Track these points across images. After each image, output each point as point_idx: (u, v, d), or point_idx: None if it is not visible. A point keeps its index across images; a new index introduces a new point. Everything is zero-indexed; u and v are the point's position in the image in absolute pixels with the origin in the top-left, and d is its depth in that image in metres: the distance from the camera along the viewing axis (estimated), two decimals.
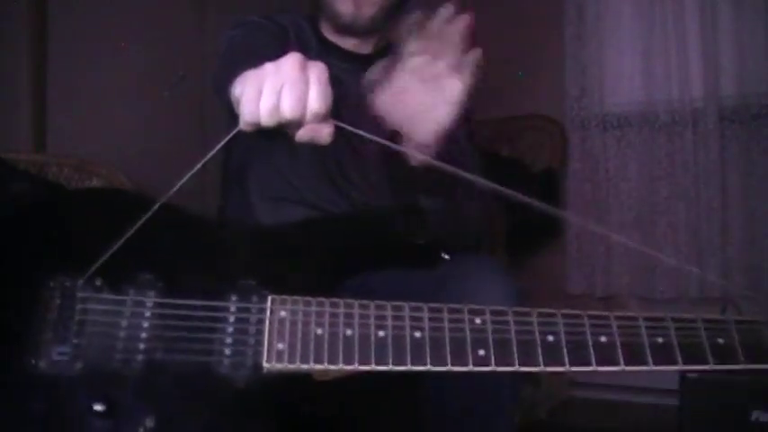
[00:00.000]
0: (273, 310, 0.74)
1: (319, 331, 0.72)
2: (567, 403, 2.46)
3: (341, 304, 0.74)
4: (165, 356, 0.72)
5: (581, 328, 0.73)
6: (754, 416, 1.43)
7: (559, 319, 0.73)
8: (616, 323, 0.73)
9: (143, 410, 0.70)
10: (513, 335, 0.72)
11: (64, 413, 0.70)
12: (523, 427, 1.99)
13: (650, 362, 0.72)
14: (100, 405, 0.70)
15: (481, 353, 0.72)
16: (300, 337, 0.72)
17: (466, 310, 0.74)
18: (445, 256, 0.86)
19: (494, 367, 0.71)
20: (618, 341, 0.73)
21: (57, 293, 0.73)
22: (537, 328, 0.73)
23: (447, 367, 0.72)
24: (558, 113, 2.79)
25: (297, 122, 0.76)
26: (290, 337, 0.72)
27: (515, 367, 0.71)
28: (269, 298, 0.75)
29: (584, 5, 2.75)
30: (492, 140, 2.68)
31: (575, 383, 2.50)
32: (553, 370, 0.72)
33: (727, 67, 2.57)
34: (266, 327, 0.73)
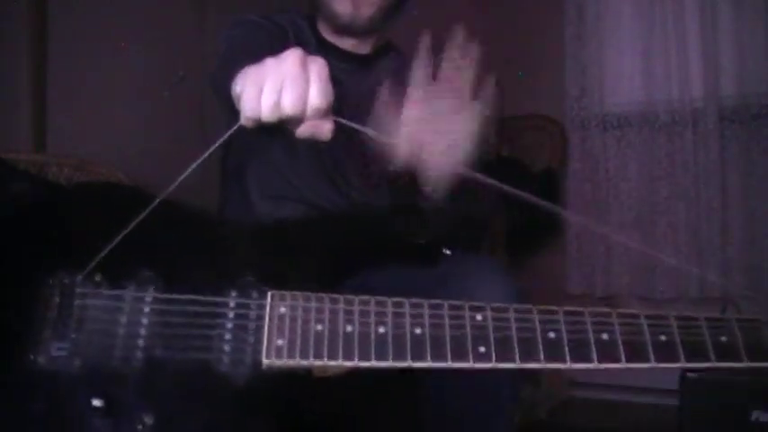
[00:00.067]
0: (273, 305, 0.73)
1: (319, 327, 0.72)
2: (567, 403, 2.46)
3: (341, 300, 0.74)
4: (164, 353, 0.72)
5: (582, 325, 0.73)
6: (754, 416, 1.43)
7: (561, 317, 0.73)
8: (618, 321, 0.73)
9: (142, 407, 0.70)
10: (514, 332, 0.72)
11: (63, 409, 0.70)
12: (523, 427, 1.99)
13: (652, 359, 0.72)
14: (98, 401, 0.70)
15: (482, 349, 0.71)
16: (300, 333, 0.72)
17: (467, 306, 0.73)
18: (446, 251, 0.85)
19: (494, 364, 0.71)
20: (620, 339, 0.72)
21: (56, 290, 0.73)
22: (538, 325, 0.72)
23: (447, 363, 0.71)
24: (558, 113, 2.79)
25: (298, 118, 0.76)
26: (289, 333, 0.72)
27: (516, 364, 0.71)
28: (268, 294, 0.74)
29: (584, 5, 2.75)
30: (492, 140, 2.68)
31: (575, 383, 2.50)
32: (554, 366, 0.71)
33: (727, 67, 2.57)
34: (266, 323, 0.73)
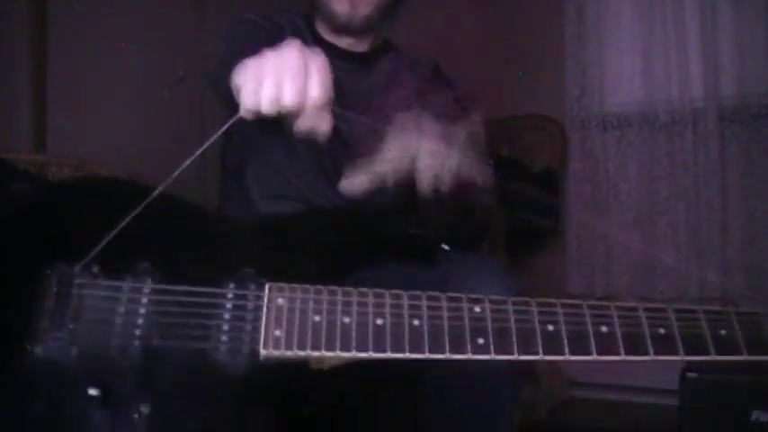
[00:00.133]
0: (271, 297, 0.74)
1: (317, 318, 0.72)
2: (567, 403, 2.46)
3: (339, 292, 0.74)
4: (161, 342, 0.72)
5: (581, 318, 0.73)
6: (754, 416, 1.43)
7: (559, 309, 0.73)
8: (617, 313, 0.73)
9: (138, 396, 0.70)
10: (513, 324, 0.72)
11: (59, 398, 0.70)
12: (523, 427, 1.99)
13: (651, 352, 0.71)
14: (95, 390, 0.70)
15: (480, 341, 0.71)
16: (298, 324, 0.72)
17: (465, 299, 0.73)
18: (445, 247, 0.85)
19: (493, 355, 0.71)
20: (618, 331, 0.72)
21: (54, 280, 0.73)
22: (537, 317, 0.72)
23: (446, 355, 0.70)
24: (558, 113, 2.79)
25: (297, 111, 0.76)
26: (287, 324, 0.72)
27: (515, 356, 0.71)
28: (266, 285, 0.74)
29: (584, 5, 2.75)
30: (492, 140, 2.68)
31: (575, 383, 2.50)
32: (553, 359, 0.71)
33: (727, 67, 2.57)
34: (263, 313, 0.73)
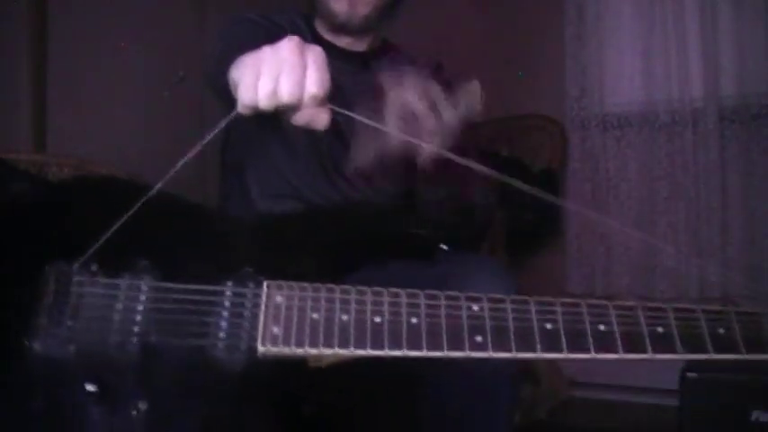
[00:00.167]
0: (269, 294, 0.73)
1: (315, 316, 0.72)
2: (567, 403, 2.46)
3: (337, 290, 0.74)
4: (158, 339, 0.72)
5: (579, 316, 0.72)
6: (754, 416, 1.43)
7: (558, 308, 0.73)
8: (615, 312, 0.73)
9: (136, 393, 0.70)
10: (511, 322, 0.72)
11: (57, 394, 0.71)
12: (523, 427, 1.99)
13: (650, 350, 0.71)
14: (92, 386, 0.70)
15: (478, 339, 0.71)
16: (296, 321, 0.72)
17: (463, 297, 0.73)
18: (443, 246, 0.85)
19: (491, 353, 0.71)
20: (617, 330, 0.72)
21: (52, 278, 0.73)
22: (535, 315, 0.72)
23: (443, 352, 0.70)
24: (558, 113, 2.79)
25: (294, 106, 0.76)
26: (285, 321, 0.72)
27: (512, 353, 0.71)
28: (264, 283, 0.74)
29: (584, 5, 2.75)
30: (492, 140, 2.68)
31: (575, 383, 2.50)
32: (551, 356, 0.71)
33: (727, 67, 2.57)
34: (262, 311, 0.73)
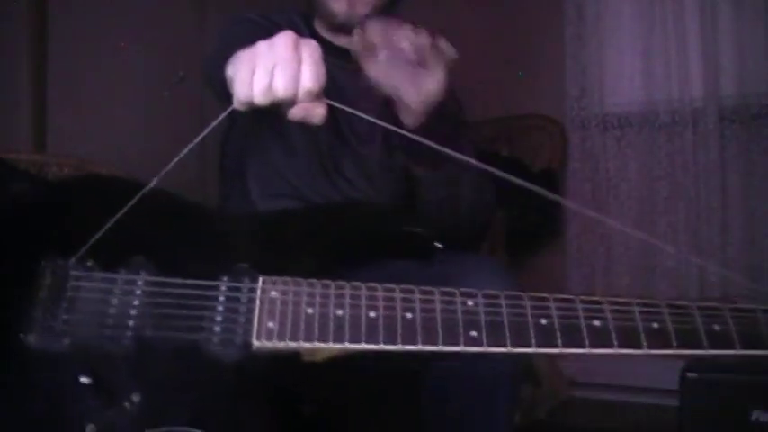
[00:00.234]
0: (264, 289, 0.74)
1: (310, 311, 0.72)
2: (567, 403, 2.46)
3: (332, 285, 0.74)
4: (153, 333, 0.72)
5: (574, 312, 0.73)
6: (754, 416, 1.42)
7: (552, 303, 0.73)
8: (609, 308, 0.73)
9: (130, 385, 0.71)
10: (506, 317, 0.72)
11: (51, 386, 0.71)
12: (523, 427, 1.99)
13: (645, 345, 0.71)
14: (86, 378, 0.70)
15: (473, 334, 0.71)
16: (291, 316, 0.72)
17: (458, 293, 0.73)
18: (438, 245, 0.85)
19: (485, 348, 0.71)
20: (611, 325, 0.72)
21: (48, 273, 0.74)
22: (529, 311, 0.73)
23: (438, 347, 0.71)
24: (558, 113, 2.78)
25: (290, 101, 0.76)
26: (280, 316, 0.72)
27: (507, 348, 0.71)
28: (260, 278, 0.75)
29: (584, 5, 2.74)
30: (492, 140, 2.68)
31: (575, 383, 2.50)
32: (545, 351, 0.71)
33: (727, 67, 2.56)
34: (257, 305, 0.73)
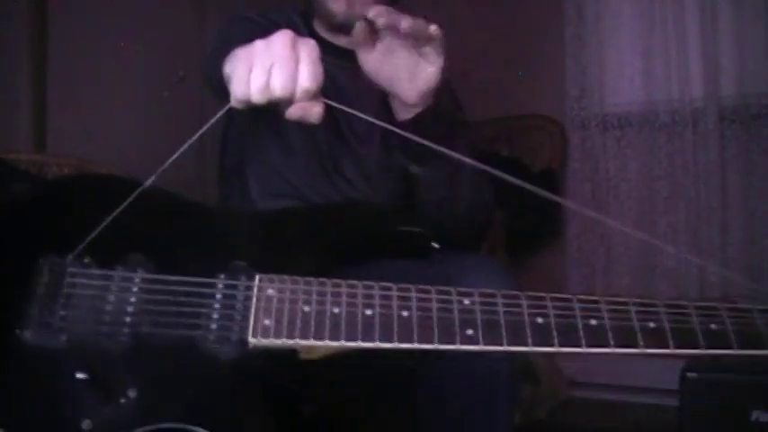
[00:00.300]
0: (261, 287, 0.74)
1: (306, 309, 0.72)
2: (567, 403, 2.45)
3: (328, 284, 0.74)
4: (150, 330, 0.72)
5: (570, 311, 0.73)
6: (754, 416, 1.42)
7: (549, 302, 0.73)
8: (606, 307, 0.73)
9: (126, 381, 0.71)
10: (502, 316, 0.72)
11: (48, 381, 0.71)
12: (523, 427, 1.99)
13: (641, 345, 0.71)
14: (82, 374, 0.71)
15: (469, 332, 0.71)
16: (287, 314, 0.72)
17: (454, 291, 0.74)
18: (435, 245, 0.85)
19: (482, 346, 0.71)
20: (608, 324, 0.72)
21: (46, 270, 0.74)
22: (526, 310, 0.73)
23: (434, 345, 0.71)
24: (558, 113, 2.78)
25: (287, 100, 0.76)
26: (276, 313, 0.72)
27: (504, 347, 0.71)
28: (257, 276, 0.75)
29: (584, 5, 2.74)
30: (492, 140, 2.68)
31: (575, 383, 2.50)
32: (542, 350, 0.71)
33: (727, 67, 2.56)
34: (253, 303, 0.73)
